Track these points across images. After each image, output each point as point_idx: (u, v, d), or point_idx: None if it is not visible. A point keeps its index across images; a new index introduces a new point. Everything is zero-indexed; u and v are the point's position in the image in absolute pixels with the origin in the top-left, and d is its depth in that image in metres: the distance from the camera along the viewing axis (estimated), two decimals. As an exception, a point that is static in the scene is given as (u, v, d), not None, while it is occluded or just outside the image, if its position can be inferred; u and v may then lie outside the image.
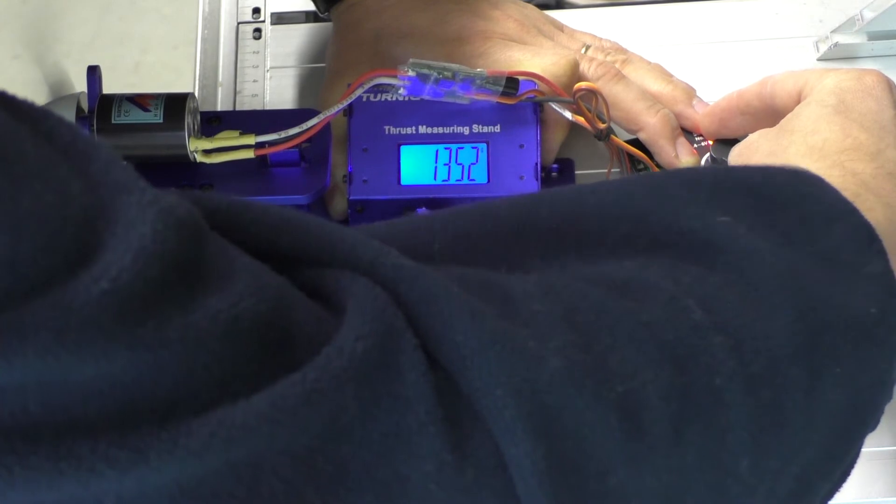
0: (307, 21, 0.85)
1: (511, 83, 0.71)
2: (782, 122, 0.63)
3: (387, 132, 0.72)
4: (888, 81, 0.62)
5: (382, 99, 0.73)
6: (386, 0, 0.76)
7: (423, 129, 0.72)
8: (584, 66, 0.74)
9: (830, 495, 0.50)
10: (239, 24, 0.85)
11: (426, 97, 0.71)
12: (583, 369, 0.41)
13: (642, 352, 0.43)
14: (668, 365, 0.43)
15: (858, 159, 0.56)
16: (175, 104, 0.70)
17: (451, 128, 0.72)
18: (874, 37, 0.78)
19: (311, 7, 0.81)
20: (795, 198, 0.50)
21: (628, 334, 0.43)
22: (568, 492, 0.40)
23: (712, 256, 0.47)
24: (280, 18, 0.85)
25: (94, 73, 0.71)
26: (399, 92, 0.72)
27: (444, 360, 0.40)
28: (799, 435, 0.46)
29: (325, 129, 0.71)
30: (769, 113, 0.67)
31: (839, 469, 0.49)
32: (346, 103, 0.70)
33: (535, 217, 0.48)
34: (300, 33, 0.84)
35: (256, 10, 0.85)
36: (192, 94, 0.71)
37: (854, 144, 0.57)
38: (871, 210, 0.52)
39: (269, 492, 0.36)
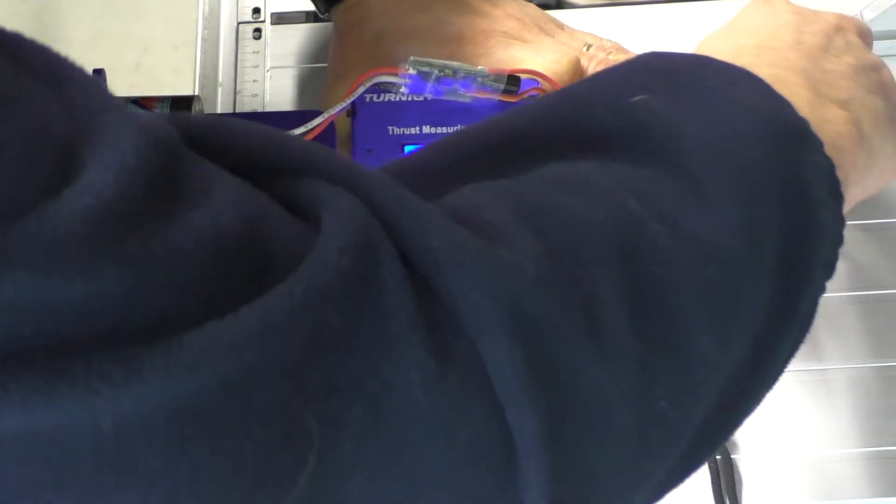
0: (307, 21, 0.85)
1: (513, 81, 0.71)
2: None
3: (390, 132, 0.73)
4: None
5: (386, 99, 0.73)
6: (387, 1, 0.76)
7: (426, 129, 0.73)
8: (585, 64, 0.74)
9: (792, 353, 0.51)
10: (239, 24, 0.85)
11: (427, 95, 0.71)
12: (549, 271, 0.42)
13: (590, 249, 0.44)
14: (614, 259, 0.44)
15: (742, 59, 0.57)
16: (180, 106, 0.70)
17: (455, 127, 0.72)
18: (874, 36, 0.78)
19: (312, 7, 0.81)
20: (698, 68, 0.53)
21: (577, 232, 0.44)
22: (547, 392, 0.40)
23: (637, 147, 0.48)
24: (280, 18, 0.85)
25: (98, 75, 0.71)
26: (401, 91, 0.72)
27: (420, 268, 0.40)
28: (750, 301, 0.47)
29: (329, 130, 0.71)
30: None
31: (793, 324, 0.50)
32: (347, 102, 0.70)
33: (471, 146, 0.50)
34: (300, 33, 0.84)
35: (256, 10, 0.85)
36: (198, 97, 0.71)
37: (741, 53, 0.58)
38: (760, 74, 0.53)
39: (262, 408, 0.36)
